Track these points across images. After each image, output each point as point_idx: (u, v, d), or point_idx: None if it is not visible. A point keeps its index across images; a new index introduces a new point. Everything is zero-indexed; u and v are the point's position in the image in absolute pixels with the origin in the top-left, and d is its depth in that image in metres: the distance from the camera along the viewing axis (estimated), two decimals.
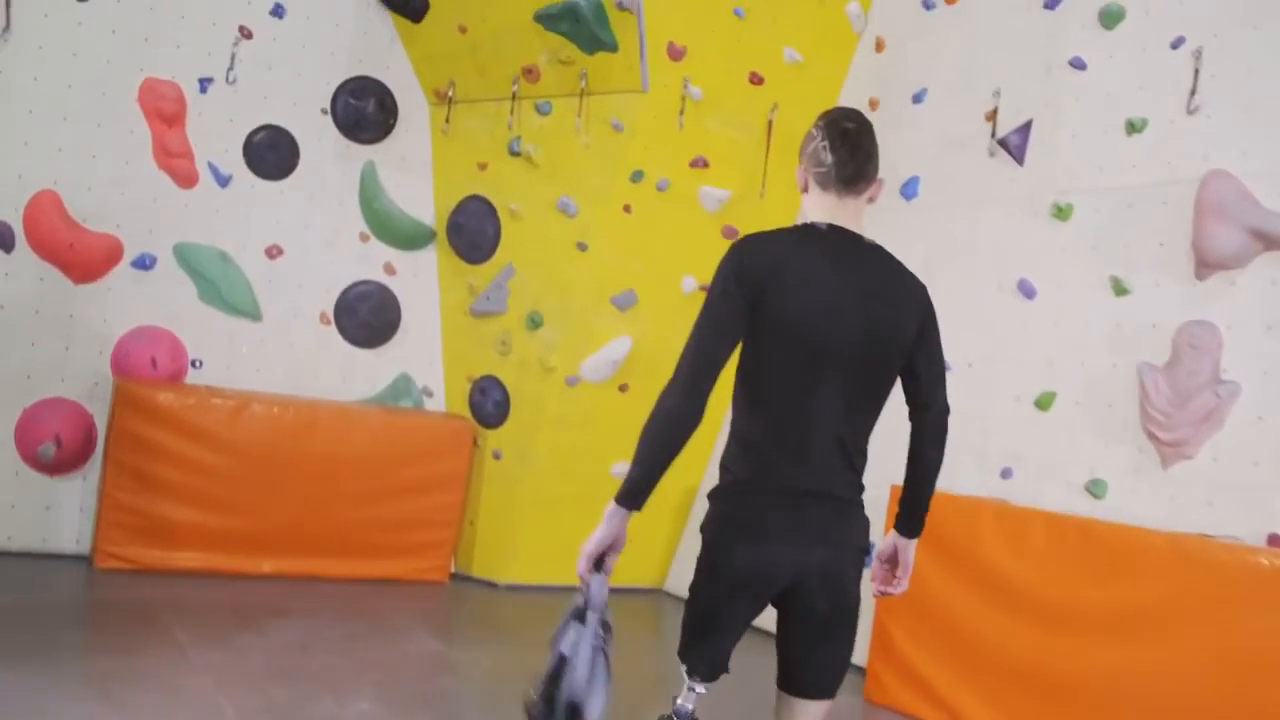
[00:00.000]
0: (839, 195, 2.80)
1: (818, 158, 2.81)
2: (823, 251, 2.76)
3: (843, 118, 2.86)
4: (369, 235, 6.21)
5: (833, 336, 2.69)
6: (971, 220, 5.21)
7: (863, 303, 2.71)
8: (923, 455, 2.90)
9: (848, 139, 2.80)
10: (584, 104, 5.72)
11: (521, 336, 6.03)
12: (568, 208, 5.81)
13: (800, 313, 2.68)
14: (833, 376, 2.72)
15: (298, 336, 6.08)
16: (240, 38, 5.84)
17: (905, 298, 2.81)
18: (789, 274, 2.70)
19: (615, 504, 2.68)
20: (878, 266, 2.80)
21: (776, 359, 2.73)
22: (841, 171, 2.78)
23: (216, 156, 5.85)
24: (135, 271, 5.67)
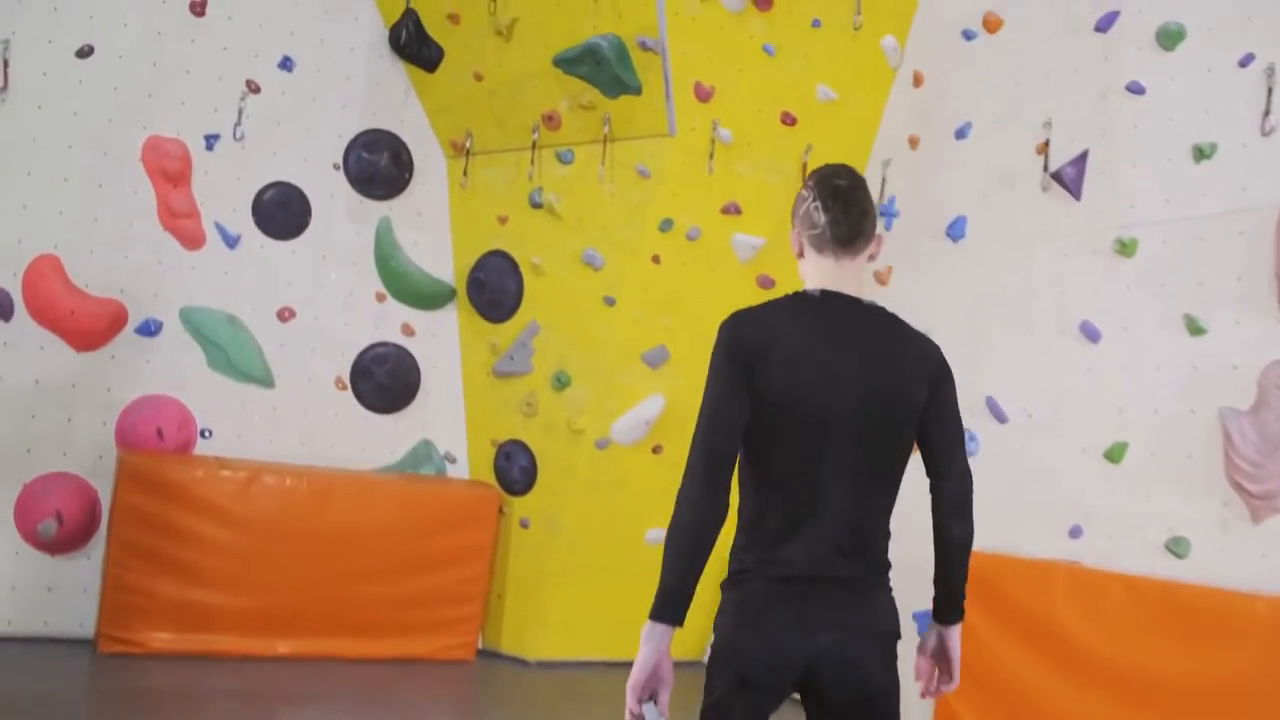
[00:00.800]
0: (836, 258, 2.68)
1: (810, 219, 2.70)
2: (817, 320, 2.65)
3: (833, 175, 2.74)
4: (385, 295, 5.94)
5: (832, 410, 2.57)
6: (1026, 260, 4.87)
7: (864, 371, 2.58)
8: (946, 531, 2.70)
9: (840, 197, 2.68)
10: (608, 150, 5.44)
11: (548, 398, 5.72)
12: (594, 260, 5.51)
13: (795, 388, 2.57)
14: (838, 452, 2.58)
15: (312, 403, 5.79)
16: (247, 92, 5.60)
17: (912, 361, 2.66)
18: (780, 348, 2.59)
19: (651, 621, 2.53)
20: (880, 330, 2.66)
21: (775, 438, 2.60)
22: (836, 231, 2.67)
23: (224, 216, 5.60)
24: (140, 338, 5.41)
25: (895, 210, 5.48)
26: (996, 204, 5.03)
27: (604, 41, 5.15)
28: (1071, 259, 4.69)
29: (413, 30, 5.73)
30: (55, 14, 5.25)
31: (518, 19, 5.44)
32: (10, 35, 5.15)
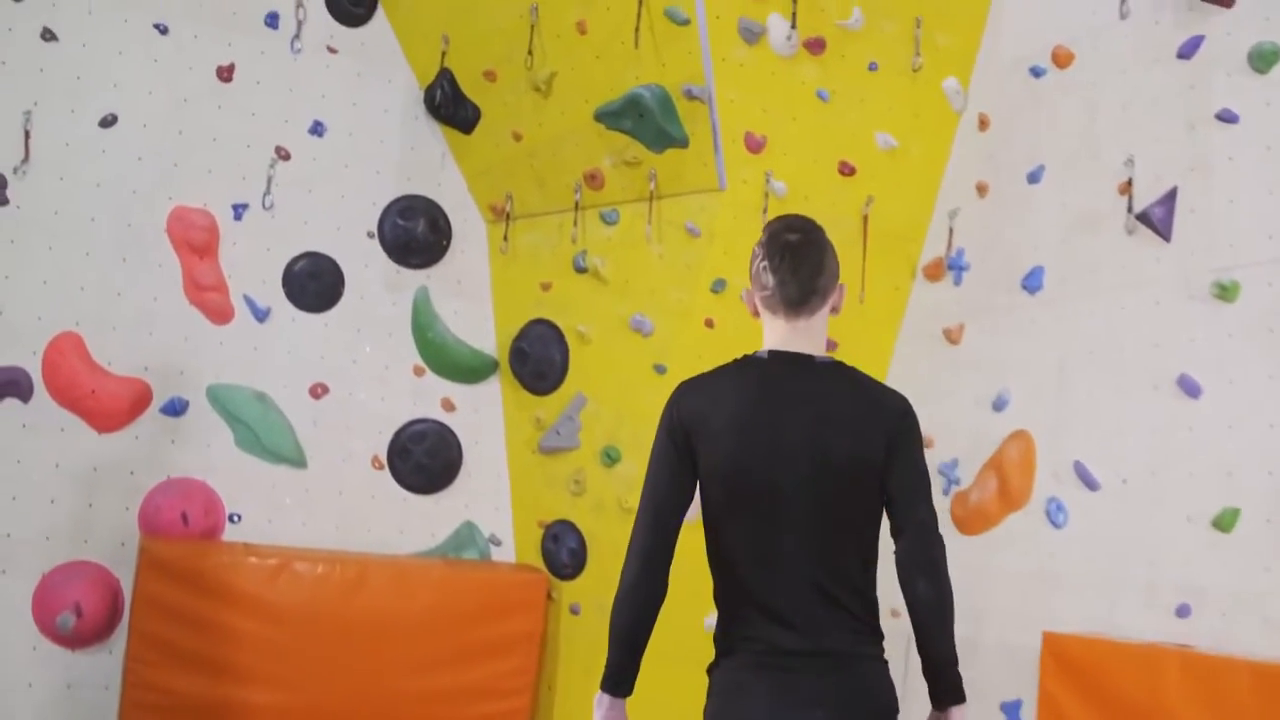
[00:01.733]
0: (787, 319, 2.65)
1: (760, 280, 2.66)
2: (763, 383, 2.60)
3: (785, 229, 2.69)
4: (424, 369, 5.62)
5: (781, 475, 2.52)
6: (1112, 310, 4.44)
7: (813, 432, 2.54)
8: (911, 590, 2.57)
9: (790, 254, 2.63)
10: (654, 208, 5.11)
11: (597, 474, 5.35)
12: (642, 326, 5.16)
13: (739, 458, 2.53)
14: (794, 519, 2.52)
15: (347, 484, 5.46)
16: (277, 159, 5.37)
17: (867, 416, 2.60)
18: (721, 416, 2.56)
19: (600, 691, 2.61)
20: (833, 388, 2.61)
21: (728, 511, 2.57)
22: (785, 293, 2.62)
23: (253, 288, 5.33)
24: (165, 418, 5.13)
25: (965, 263, 5.09)
26: (1077, 251, 4.62)
27: (647, 92, 4.86)
28: (1165, 307, 4.26)
29: (448, 90, 5.48)
30: (78, 83, 5.06)
31: (556, 73, 5.17)
32: (32, 105, 4.96)
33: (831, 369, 2.67)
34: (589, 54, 5.06)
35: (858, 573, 2.60)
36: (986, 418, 4.82)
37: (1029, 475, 4.63)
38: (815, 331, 2.69)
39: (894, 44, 5.05)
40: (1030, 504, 4.60)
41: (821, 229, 2.76)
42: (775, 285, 2.64)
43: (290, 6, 5.42)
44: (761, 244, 2.71)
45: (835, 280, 2.72)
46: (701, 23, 4.73)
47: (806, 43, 4.89)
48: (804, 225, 2.73)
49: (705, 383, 2.72)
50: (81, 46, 5.07)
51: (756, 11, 4.82)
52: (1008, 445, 4.72)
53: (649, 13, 4.82)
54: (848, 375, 2.69)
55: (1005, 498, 4.69)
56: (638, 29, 4.81)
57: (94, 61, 5.09)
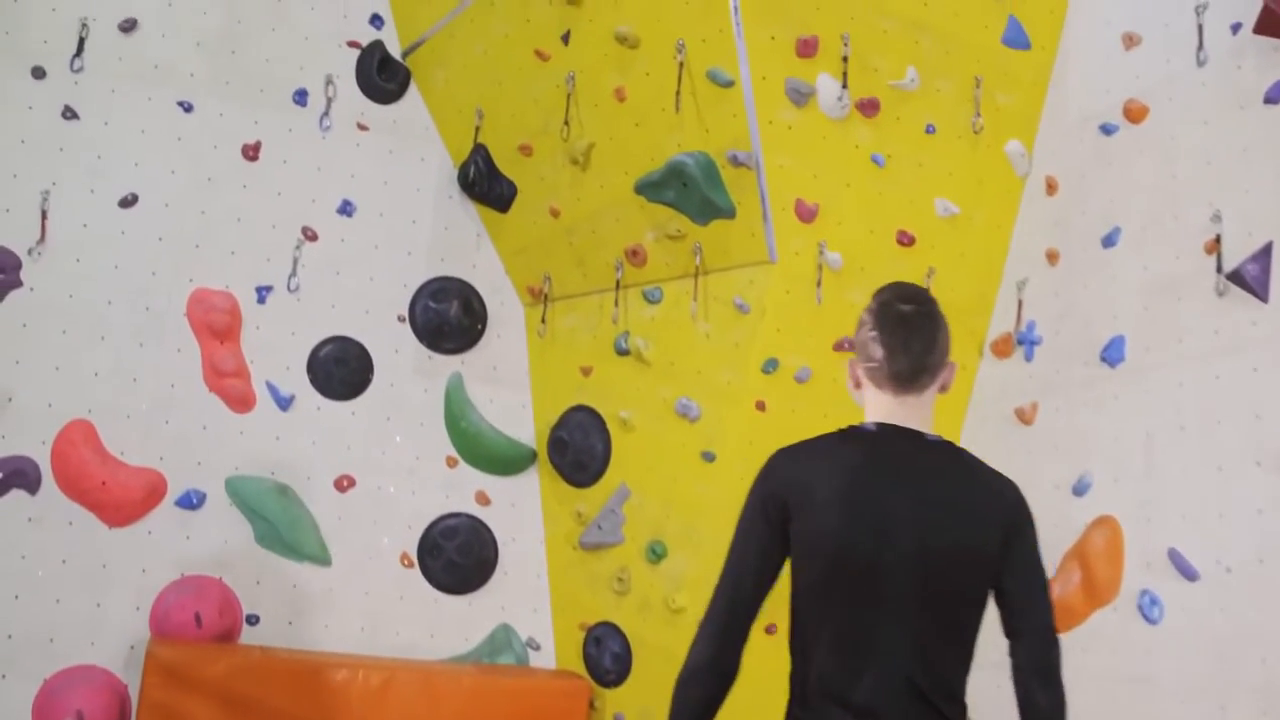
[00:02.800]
0: (895, 394, 2.51)
1: (867, 351, 2.55)
2: (868, 458, 2.48)
3: (897, 299, 2.57)
4: (457, 460, 5.31)
5: (885, 562, 2.38)
6: (1205, 380, 4.02)
7: (921, 514, 2.40)
8: (1031, 701, 2.41)
9: (902, 327, 2.51)
10: (700, 284, 4.79)
11: (642, 572, 4.96)
12: (689, 411, 4.80)
13: (838, 534, 2.40)
14: (894, 607, 2.38)
15: (374, 583, 5.13)
16: (304, 240, 5.15)
17: (981, 503, 2.47)
18: (822, 489, 2.44)
19: None
20: (944, 470, 2.49)
21: (818, 591, 2.43)
22: (894, 366, 2.49)
23: (276, 375, 5.08)
24: (180, 511, 4.85)
25: (1036, 337, 4.70)
26: (1162, 317, 4.22)
27: (690, 159, 4.56)
28: (1264, 374, 3.84)
29: (482, 166, 5.25)
30: (99, 161, 4.89)
31: (594, 144, 4.90)
32: (50, 185, 4.79)
33: (942, 448, 2.52)
34: (628, 122, 4.79)
35: (956, 674, 2.43)
36: (1067, 503, 4.39)
37: (1117, 566, 4.18)
38: (923, 409, 2.53)
39: (952, 104, 4.75)
40: (1120, 598, 4.15)
41: (935, 301, 2.62)
42: (884, 358, 2.49)
43: (320, 83, 5.25)
44: (871, 312, 2.59)
45: (946, 357, 2.57)
46: (746, 84, 4.44)
47: (859, 104, 4.59)
48: (918, 295, 2.60)
49: (806, 451, 2.58)
50: (103, 125, 4.91)
51: (805, 71, 4.53)
52: (1092, 533, 4.28)
53: (690, 75, 4.56)
54: (959, 456, 2.55)
55: (1091, 592, 4.23)
56: (679, 92, 4.54)
57: (115, 140, 4.93)
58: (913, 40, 4.65)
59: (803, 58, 4.52)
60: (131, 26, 5.00)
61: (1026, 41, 4.81)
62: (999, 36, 4.78)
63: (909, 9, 4.64)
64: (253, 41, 5.18)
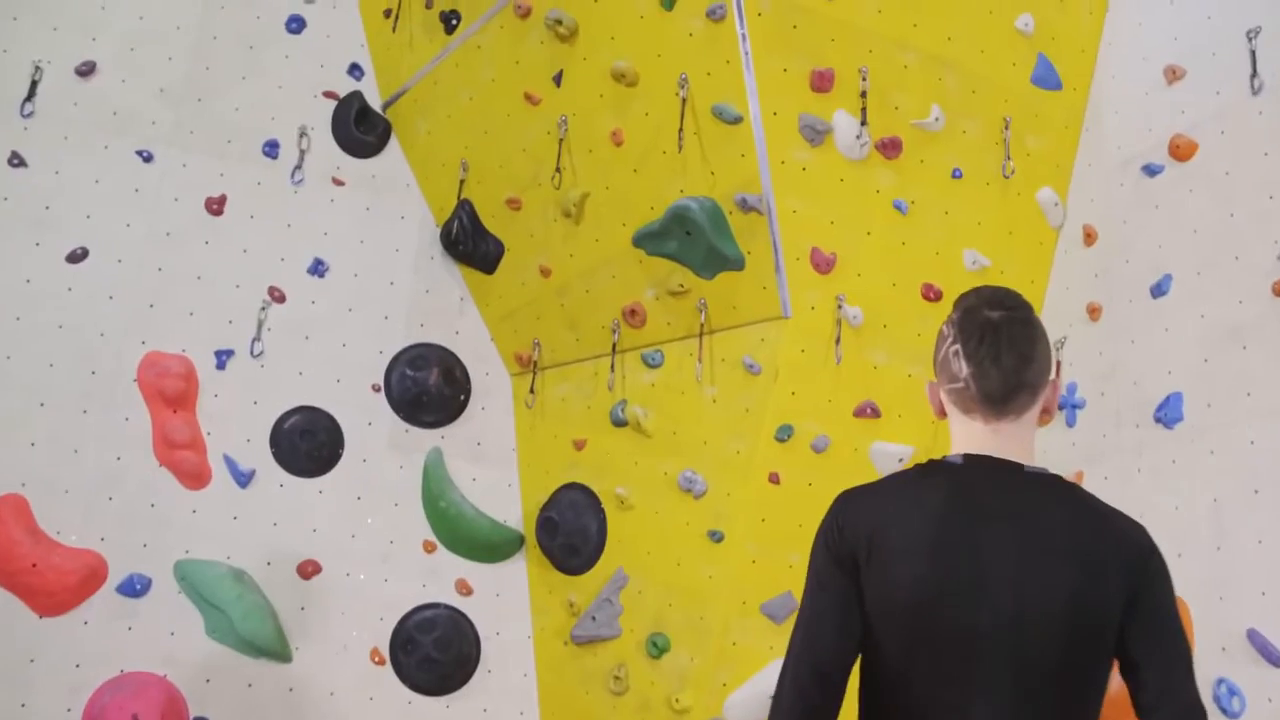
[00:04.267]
0: (986, 420, 2.13)
1: (949, 369, 2.18)
2: (955, 497, 2.08)
3: (984, 303, 2.18)
4: (435, 544, 4.81)
5: (976, 622, 1.99)
6: (1278, 437, 3.57)
7: (1025, 566, 2.01)
8: None
9: (991, 338, 2.12)
10: (706, 344, 4.35)
11: (641, 668, 4.44)
12: (694, 486, 4.33)
13: (918, 592, 2.02)
14: (992, 676, 1.98)
15: (341, 682, 4.58)
16: (270, 301, 4.71)
17: (1100, 551, 2.04)
18: (898, 536, 2.07)
19: None
20: (1050, 509, 2.07)
21: (893, 663, 2.06)
22: (984, 385, 2.11)
23: (235, 448, 4.60)
24: (122, 599, 4.33)
25: (1079, 400, 4.25)
26: (1225, 369, 3.78)
27: (694, 204, 4.15)
28: None
29: (467, 223, 4.84)
30: (46, 212, 4.49)
31: (588, 194, 4.51)
32: None
33: (1049, 483, 2.14)
34: (625, 168, 4.40)
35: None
36: None
37: None
38: (1022, 438, 2.15)
39: (979, 147, 4.38)
40: None
41: (1030, 306, 2.23)
42: (971, 375, 2.12)
43: (292, 135, 4.86)
44: (952, 322, 2.22)
45: (1048, 372, 2.18)
46: (756, 120, 4.06)
47: (879, 144, 4.21)
48: (1009, 299, 2.20)
49: (879, 491, 2.23)
50: (54, 174, 4.53)
51: (820, 107, 4.16)
52: None
53: (694, 113, 4.18)
54: (1072, 493, 2.15)
55: None
56: (681, 130, 4.15)
57: (66, 190, 4.54)
58: (936, 77, 4.30)
59: (818, 92, 4.15)
60: (89, 70, 4.64)
61: (1058, 81, 4.46)
62: (1028, 75, 4.44)
63: (931, 43, 4.29)
64: (221, 89, 4.82)
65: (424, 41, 4.89)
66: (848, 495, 2.25)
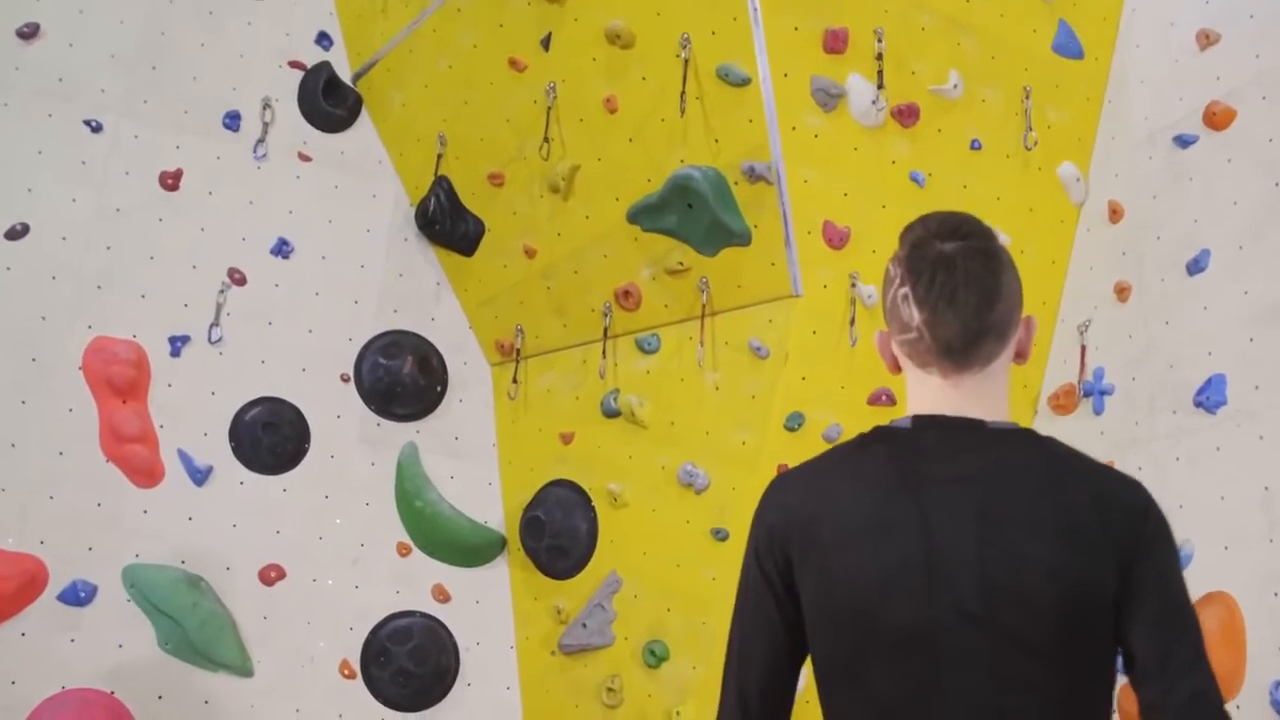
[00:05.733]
0: (945, 374, 1.81)
1: (899, 316, 1.84)
2: (897, 469, 1.78)
3: (934, 235, 1.85)
4: (410, 547, 4.49)
5: (936, 612, 1.67)
6: None
7: (990, 541, 1.68)
8: None
9: (945, 275, 1.79)
10: (708, 327, 4.05)
11: (637, 679, 4.14)
12: (695, 480, 4.02)
13: (860, 586, 1.72)
14: (960, 679, 1.66)
15: (307, 698, 4.25)
16: (230, 284, 4.37)
17: (1084, 515, 1.70)
18: (830, 525, 1.77)
19: None
20: (1018, 470, 1.75)
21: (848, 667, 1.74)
22: (940, 334, 1.78)
23: (191, 442, 4.25)
24: (63, 608, 3.97)
25: (1106, 386, 3.99)
26: (1271, 348, 3.52)
27: (697, 173, 3.85)
28: None
29: (444, 202, 4.51)
30: None
31: (579, 166, 4.20)
32: None
33: (1016, 440, 1.81)
34: (620, 137, 4.11)
35: None
36: None
37: (1238, 652, 3.39)
38: (989, 391, 1.82)
39: (999, 117, 4.12)
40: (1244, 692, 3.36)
41: (991, 232, 1.89)
42: (924, 323, 1.79)
43: (255, 106, 4.52)
44: (899, 260, 1.89)
45: (1018, 309, 1.85)
46: (766, 82, 3.77)
47: (895, 111, 3.94)
48: (965, 226, 1.86)
49: (812, 472, 1.90)
50: None
51: (833, 70, 3.88)
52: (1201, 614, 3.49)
53: (697, 75, 3.89)
54: (1044, 449, 1.82)
55: None
56: (684, 93, 3.85)
57: (6, 161, 4.17)
58: (954, 41, 4.04)
59: (831, 53, 3.87)
60: (33, 33, 4.27)
61: (1079, 49, 4.21)
62: (1049, 43, 4.19)
63: (949, 5, 4.03)
64: (177, 57, 4.46)
65: (398, 6, 4.57)
66: (775, 484, 1.93)
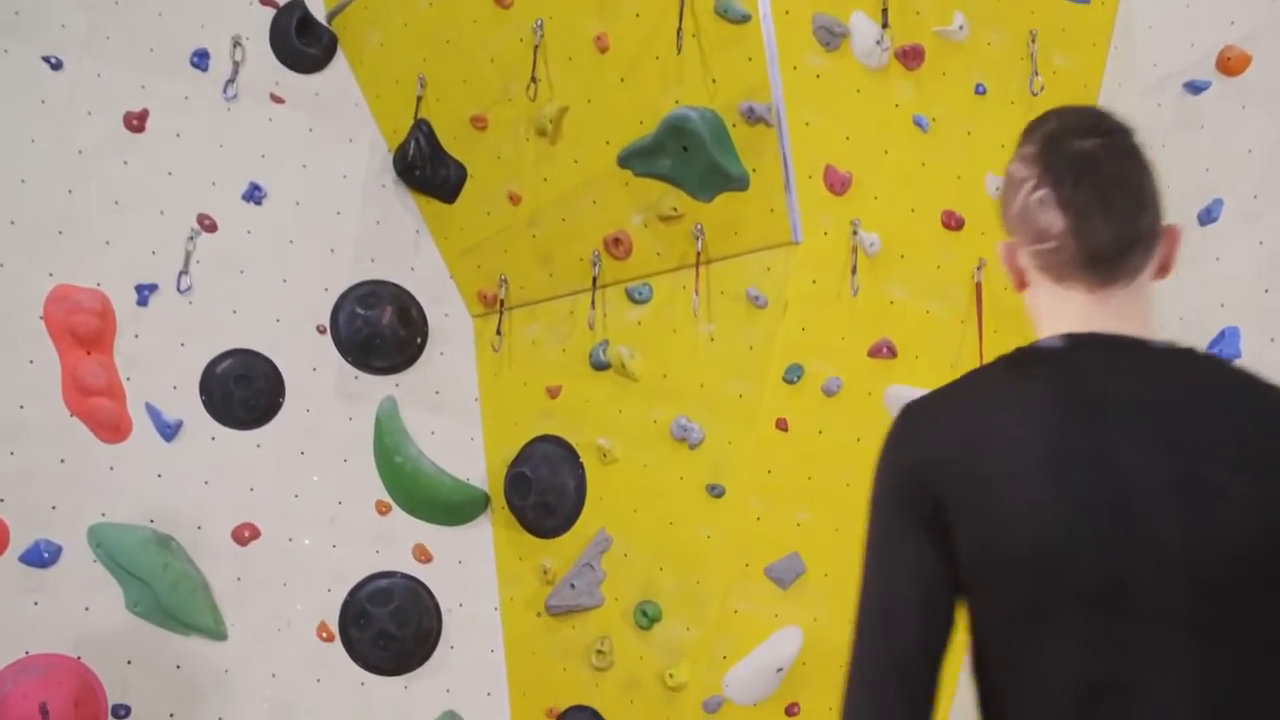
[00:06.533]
0: (1090, 288, 1.64)
1: (1034, 223, 1.68)
2: (1066, 393, 1.57)
3: (1070, 130, 1.71)
4: (390, 505, 4.33)
5: (1132, 558, 1.45)
6: None
7: (1183, 474, 1.48)
8: None
9: (1092, 176, 1.64)
10: (703, 276, 3.89)
11: (628, 640, 4.01)
12: (689, 434, 3.88)
13: (1038, 530, 1.49)
14: (1160, 639, 1.44)
15: (284, 662, 4.11)
16: (199, 230, 4.16)
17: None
18: (996, 460, 1.54)
19: None
20: (1201, 394, 1.56)
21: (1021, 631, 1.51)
22: (1088, 242, 1.63)
23: (159, 395, 4.06)
24: (26, 570, 3.79)
25: None
26: None
27: (694, 113, 3.68)
28: None
29: (424, 146, 4.32)
30: None
31: (567, 108, 4.03)
32: None
33: (1188, 359, 1.65)
34: (611, 77, 3.92)
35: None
36: None
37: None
38: (1138, 309, 1.67)
39: (1005, 62, 3.97)
40: None
41: (1128, 125, 1.76)
42: (1068, 230, 1.63)
43: (224, 45, 4.29)
44: (1028, 158, 1.73)
45: (1162, 216, 1.73)
46: (766, 19, 3.59)
47: (900, 53, 3.78)
48: (1105, 121, 1.74)
49: (953, 401, 1.68)
50: None
51: (837, 7, 3.72)
52: None
53: (694, 11, 3.71)
54: (1222, 369, 1.68)
55: None
56: (680, 30, 3.68)
57: None
58: None
59: None
60: None
61: None
62: None
63: None
64: None
65: None
66: (907, 417, 1.71)
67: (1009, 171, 1.77)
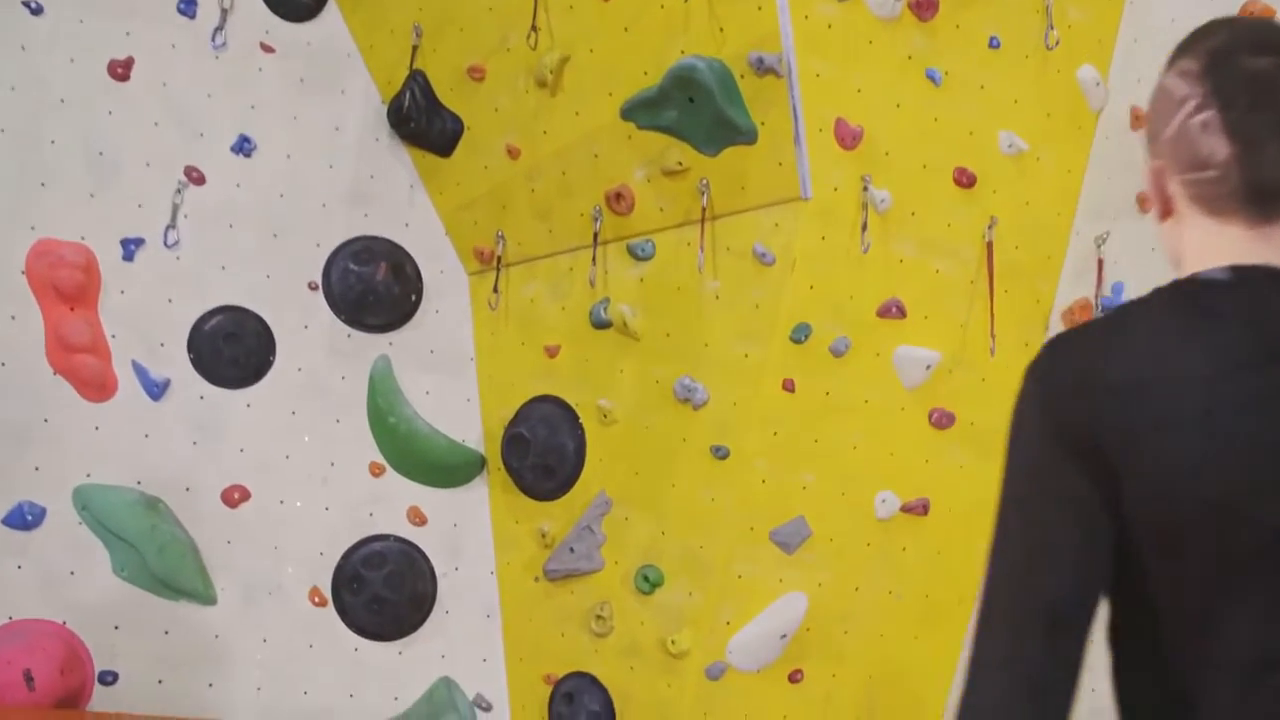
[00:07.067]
0: (1250, 222, 1.50)
1: (1195, 148, 1.52)
2: (1245, 330, 1.43)
3: (1243, 47, 1.54)
4: (383, 467, 4.25)
5: None
6: None
7: None
8: None
9: (1269, 99, 1.48)
10: (708, 232, 3.80)
11: (629, 606, 3.95)
12: (693, 395, 3.79)
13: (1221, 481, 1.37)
14: None
15: (275, 627, 4.03)
16: (187, 183, 4.04)
17: None
18: (1167, 401, 1.41)
19: None
20: None
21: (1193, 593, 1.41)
22: (1258, 173, 1.48)
23: (146, 353, 3.96)
24: (9, 532, 3.70)
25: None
26: None
27: (702, 63, 3.58)
28: None
29: (420, 97, 4.19)
30: None
31: (569, 57, 3.92)
32: None
33: None
34: (615, 26, 3.81)
35: None
36: None
37: None
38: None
39: (1019, 14, 3.88)
40: None
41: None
42: (1235, 157, 1.49)
43: None
44: (1190, 74, 1.57)
45: None
46: None
47: (913, 3, 3.69)
48: (1278, 36, 1.55)
49: (1111, 332, 1.53)
50: None
51: None
52: None
53: None
54: None
55: None
56: None
57: None
58: None
59: None
60: None
61: None
62: None
63: None
64: None
65: None
66: (1057, 347, 1.56)
67: (1162, 87, 1.61)
